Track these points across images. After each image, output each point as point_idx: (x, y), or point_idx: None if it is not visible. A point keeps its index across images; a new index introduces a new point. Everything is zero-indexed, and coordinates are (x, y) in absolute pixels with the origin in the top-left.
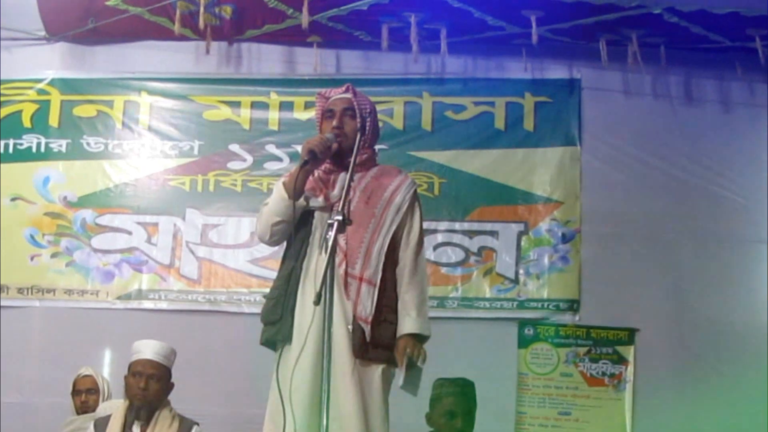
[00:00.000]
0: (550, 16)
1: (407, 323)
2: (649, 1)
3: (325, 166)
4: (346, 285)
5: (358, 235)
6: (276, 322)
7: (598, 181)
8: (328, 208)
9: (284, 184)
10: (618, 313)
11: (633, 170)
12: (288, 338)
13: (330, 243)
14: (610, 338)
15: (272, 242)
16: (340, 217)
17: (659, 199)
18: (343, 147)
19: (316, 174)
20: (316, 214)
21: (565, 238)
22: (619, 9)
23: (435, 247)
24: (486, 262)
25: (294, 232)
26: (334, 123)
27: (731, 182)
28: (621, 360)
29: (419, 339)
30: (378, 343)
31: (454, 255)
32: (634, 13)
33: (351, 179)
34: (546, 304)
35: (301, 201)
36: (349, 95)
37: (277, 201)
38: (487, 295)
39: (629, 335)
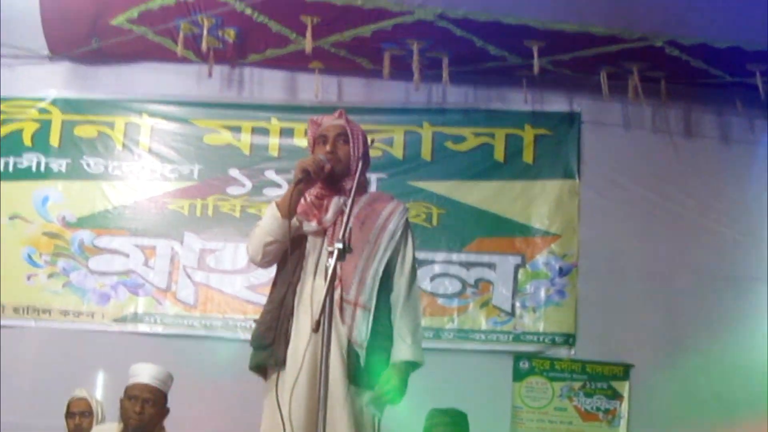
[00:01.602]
0: (552, 47)
1: (403, 350)
2: (651, 33)
3: (318, 191)
4: (341, 310)
5: (352, 260)
6: (268, 347)
7: (597, 214)
8: (321, 232)
9: (277, 204)
10: (613, 348)
11: (631, 204)
12: (281, 363)
13: (330, 271)
14: (605, 373)
15: (264, 263)
16: (340, 245)
17: (657, 234)
18: (336, 171)
19: (308, 199)
20: (309, 238)
21: (562, 272)
22: (621, 41)
23: (432, 278)
24: (483, 294)
25: (286, 256)
26: (327, 147)
27: (728, 218)
28: (616, 395)
29: (413, 366)
30: (372, 369)
31: (451, 286)
32: (635, 46)
33: (351, 205)
34: (542, 337)
35: (294, 222)
36: (342, 121)
37: (270, 220)
38: (483, 328)
39: (624, 371)
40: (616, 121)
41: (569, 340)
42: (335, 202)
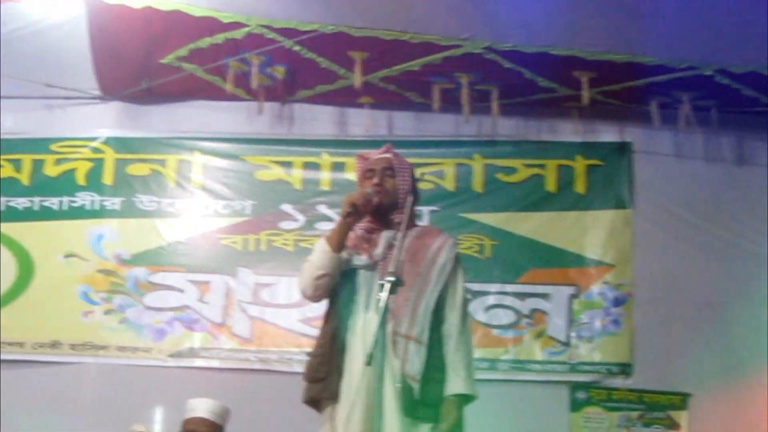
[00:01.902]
0: (601, 78)
1: (457, 383)
2: (701, 62)
3: (367, 225)
4: (393, 343)
5: (404, 293)
6: (321, 380)
7: (651, 244)
8: (372, 266)
9: (327, 238)
10: (671, 377)
11: (685, 233)
12: (335, 396)
13: (382, 304)
14: (663, 403)
15: (315, 296)
16: (393, 278)
17: (711, 262)
18: (384, 204)
19: (358, 232)
20: (360, 272)
21: (617, 302)
22: (671, 70)
23: (486, 309)
24: (537, 325)
25: (337, 290)
26: (375, 180)
27: None
28: (674, 425)
29: (467, 399)
30: (426, 401)
31: (506, 317)
32: (685, 75)
33: (403, 238)
34: (598, 367)
35: (344, 255)
36: (389, 155)
37: (320, 254)
38: (539, 358)
39: (682, 400)
40: (667, 150)
41: (626, 369)
42: (385, 235)
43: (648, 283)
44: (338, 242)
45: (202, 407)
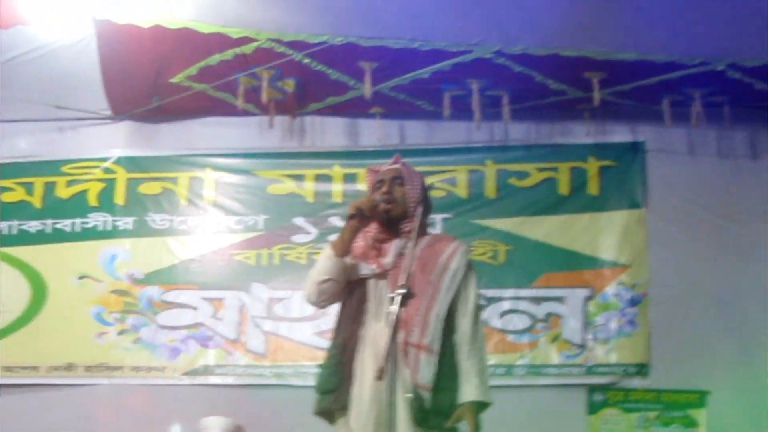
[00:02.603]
0: (612, 78)
1: (470, 390)
2: (712, 57)
3: (377, 234)
4: (405, 353)
5: (415, 303)
6: (332, 391)
7: (665, 243)
8: (382, 275)
9: (332, 243)
10: (688, 375)
11: (700, 231)
12: (346, 407)
13: (393, 317)
14: (681, 402)
15: (320, 302)
16: (404, 290)
17: (727, 259)
18: (393, 213)
19: (368, 241)
20: (370, 281)
21: (633, 302)
22: (682, 67)
23: (501, 315)
24: (553, 329)
25: (347, 300)
26: (384, 189)
27: None
28: (692, 423)
29: (481, 406)
30: (438, 410)
31: (521, 322)
32: (696, 71)
33: (414, 247)
34: (615, 368)
35: (349, 261)
36: (398, 165)
37: (324, 260)
38: (555, 362)
39: (700, 398)
40: (680, 148)
41: (643, 369)
42: (395, 244)
43: (663, 282)
44: (342, 247)
45: (213, 426)
